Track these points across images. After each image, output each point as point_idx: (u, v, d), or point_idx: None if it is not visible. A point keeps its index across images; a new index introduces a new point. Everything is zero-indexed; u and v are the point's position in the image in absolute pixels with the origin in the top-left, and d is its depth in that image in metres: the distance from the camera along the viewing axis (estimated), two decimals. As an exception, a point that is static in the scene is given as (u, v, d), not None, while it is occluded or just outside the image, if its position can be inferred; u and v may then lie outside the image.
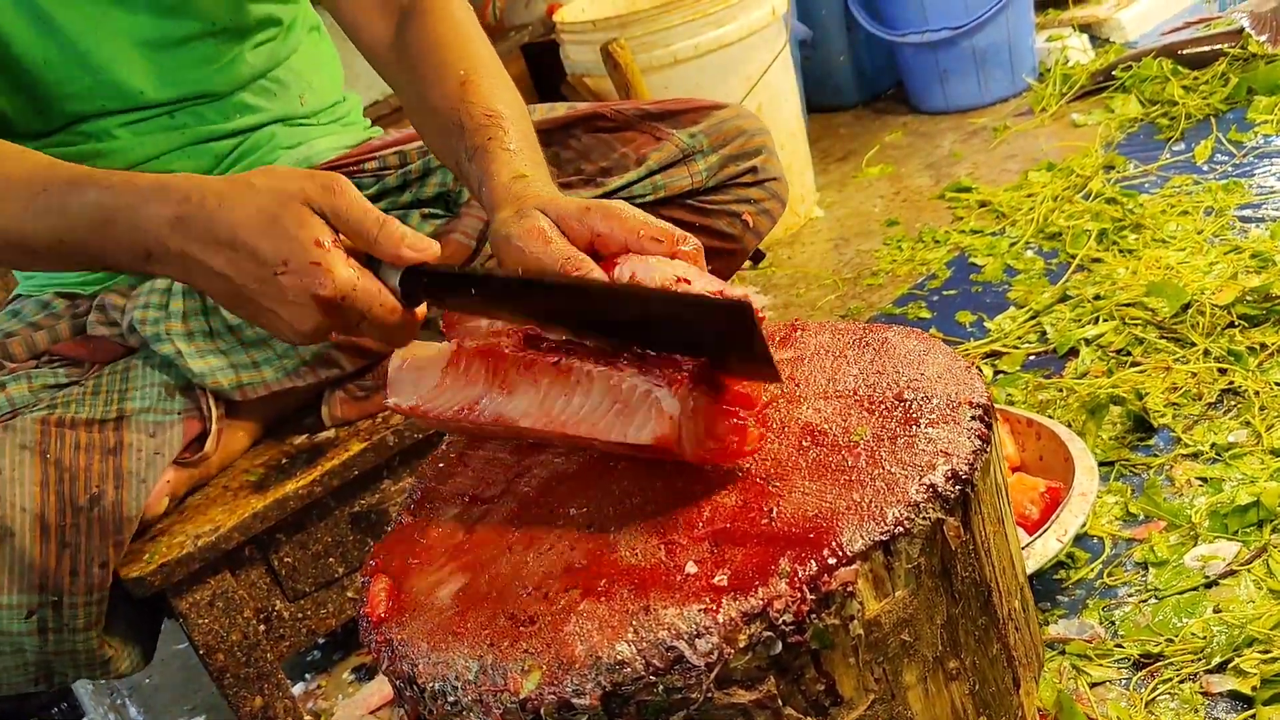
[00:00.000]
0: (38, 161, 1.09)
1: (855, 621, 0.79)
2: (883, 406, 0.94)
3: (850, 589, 0.78)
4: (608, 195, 1.51)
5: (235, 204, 0.91)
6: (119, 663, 1.41)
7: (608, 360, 0.89)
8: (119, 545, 1.35)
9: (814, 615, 0.77)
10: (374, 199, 1.55)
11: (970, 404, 0.91)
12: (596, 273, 0.93)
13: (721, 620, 0.76)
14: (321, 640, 1.91)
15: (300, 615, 1.59)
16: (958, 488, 0.83)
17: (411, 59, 1.31)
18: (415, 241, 0.93)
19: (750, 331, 0.81)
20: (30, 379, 1.41)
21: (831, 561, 0.79)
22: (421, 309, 0.97)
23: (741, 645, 0.76)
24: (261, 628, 1.55)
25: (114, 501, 1.34)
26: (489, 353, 0.95)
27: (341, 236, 0.94)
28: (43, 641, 1.29)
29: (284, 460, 1.53)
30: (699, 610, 0.77)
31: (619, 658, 0.76)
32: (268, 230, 0.90)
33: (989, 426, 0.90)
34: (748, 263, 1.70)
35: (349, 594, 1.63)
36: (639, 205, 1.52)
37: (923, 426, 0.90)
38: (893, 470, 0.85)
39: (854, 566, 0.79)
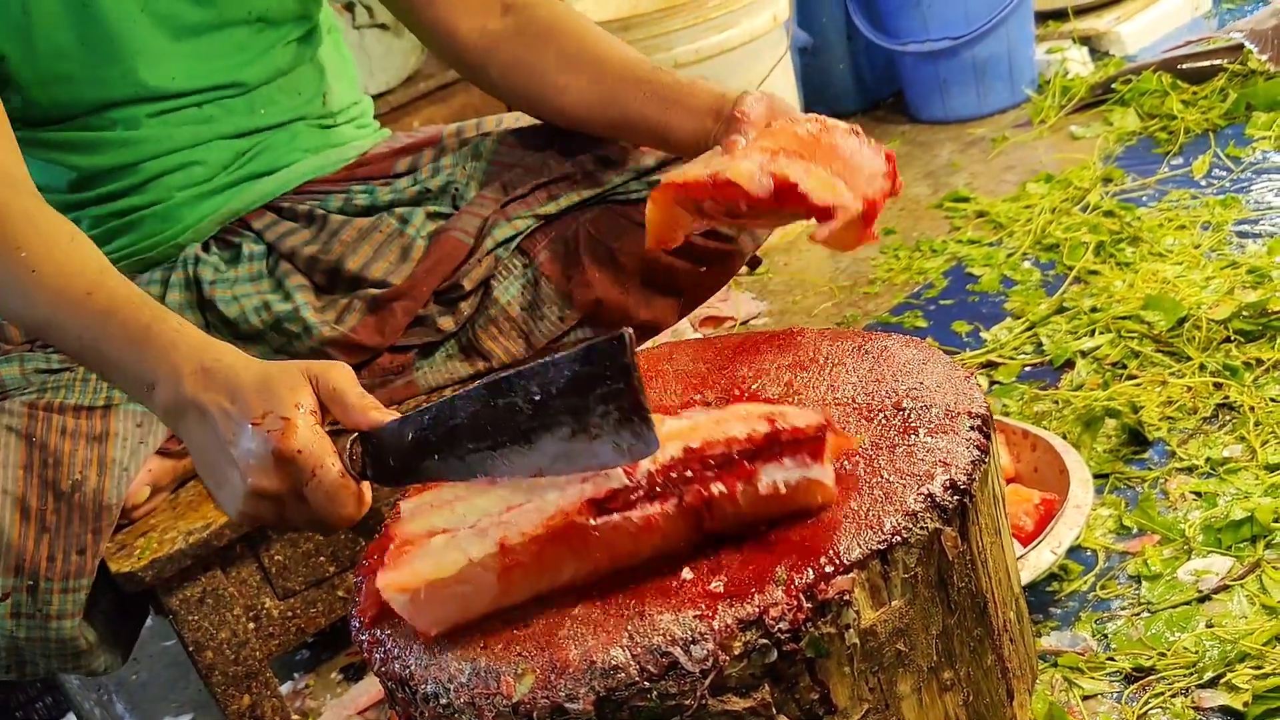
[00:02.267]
0: (86, 259, 1.15)
1: (851, 630, 0.79)
2: (881, 415, 0.94)
3: (847, 598, 0.78)
4: (605, 194, 1.51)
5: (252, 370, 1.00)
6: (94, 659, 1.40)
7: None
8: (98, 533, 1.34)
9: (810, 623, 0.77)
10: (386, 203, 1.55)
11: (969, 414, 0.91)
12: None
13: (717, 627, 0.76)
14: (311, 639, 1.90)
15: (290, 614, 1.58)
16: (956, 498, 0.83)
17: (541, 30, 1.46)
18: (380, 414, 0.97)
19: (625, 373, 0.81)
20: (23, 361, 1.41)
21: (828, 570, 0.78)
22: (366, 490, 0.98)
23: (736, 652, 0.75)
24: (251, 626, 1.54)
25: (95, 489, 1.34)
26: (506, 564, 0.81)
27: (330, 418, 0.99)
28: (15, 625, 1.29)
29: (277, 458, 1.52)
30: (694, 616, 0.77)
31: (613, 663, 0.75)
32: (261, 387, 0.98)
33: (987, 437, 0.89)
34: (744, 269, 1.69)
35: (339, 593, 1.62)
36: (636, 200, 1.52)
37: (921, 436, 0.90)
38: (890, 479, 0.85)
39: (851, 575, 0.78)
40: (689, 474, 0.80)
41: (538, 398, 0.84)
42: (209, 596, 1.49)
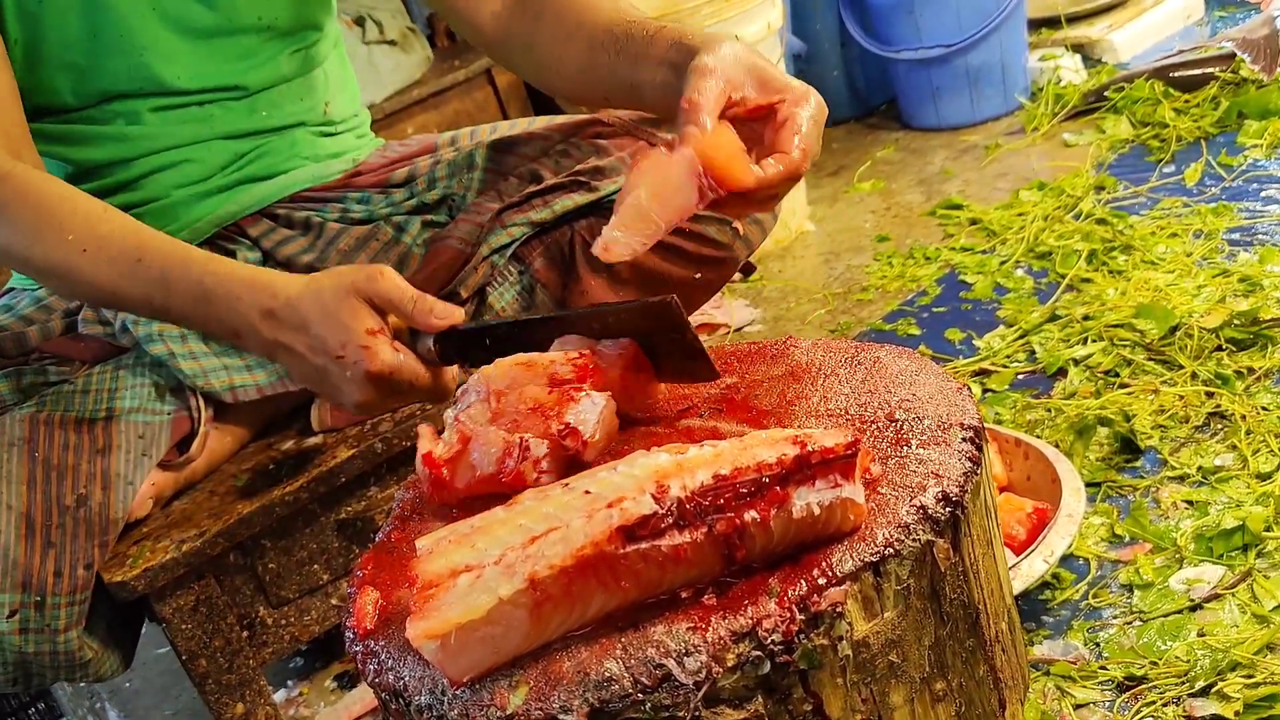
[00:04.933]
0: (123, 226, 1.25)
1: (844, 642, 0.79)
2: (874, 426, 0.94)
3: (839, 609, 0.78)
4: (600, 200, 1.51)
5: (309, 301, 1.13)
6: (98, 666, 1.40)
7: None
8: (104, 546, 1.34)
9: (803, 635, 0.77)
10: (383, 214, 1.56)
11: (961, 425, 0.91)
12: None
13: (710, 639, 0.76)
14: (304, 647, 1.90)
15: (283, 622, 1.58)
16: (948, 510, 0.84)
17: (536, 4, 1.39)
18: (442, 311, 1.12)
19: (681, 325, 0.99)
20: (20, 376, 1.40)
21: (821, 582, 0.79)
22: (453, 369, 1.16)
23: (730, 664, 0.76)
24: (244, 634, 1.54)
25: (100, 503, 1.34)
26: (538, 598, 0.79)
27: (389, 318, 1.13)
28: (23, 641, 1.29)
29: (271, 466, 1.53)
30: (688, 629, 0.77)
31: (607, 675, 0.75)
32: (330, 322, 1.11)
33: (980, 449, 0.90)
34: (738, 275, 1.69)
35: (333, 601, 1.62)
36: None
37: (914, 447, 0.90)
38: (883, 491, 0.86)
39: (843, 587, 0.79)
40: (720, 502, 0.78)
41: (598, 330, 1.03)
42: (202, 605, 1.49)
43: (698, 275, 1.59)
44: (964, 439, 0.90)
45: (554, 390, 1.00)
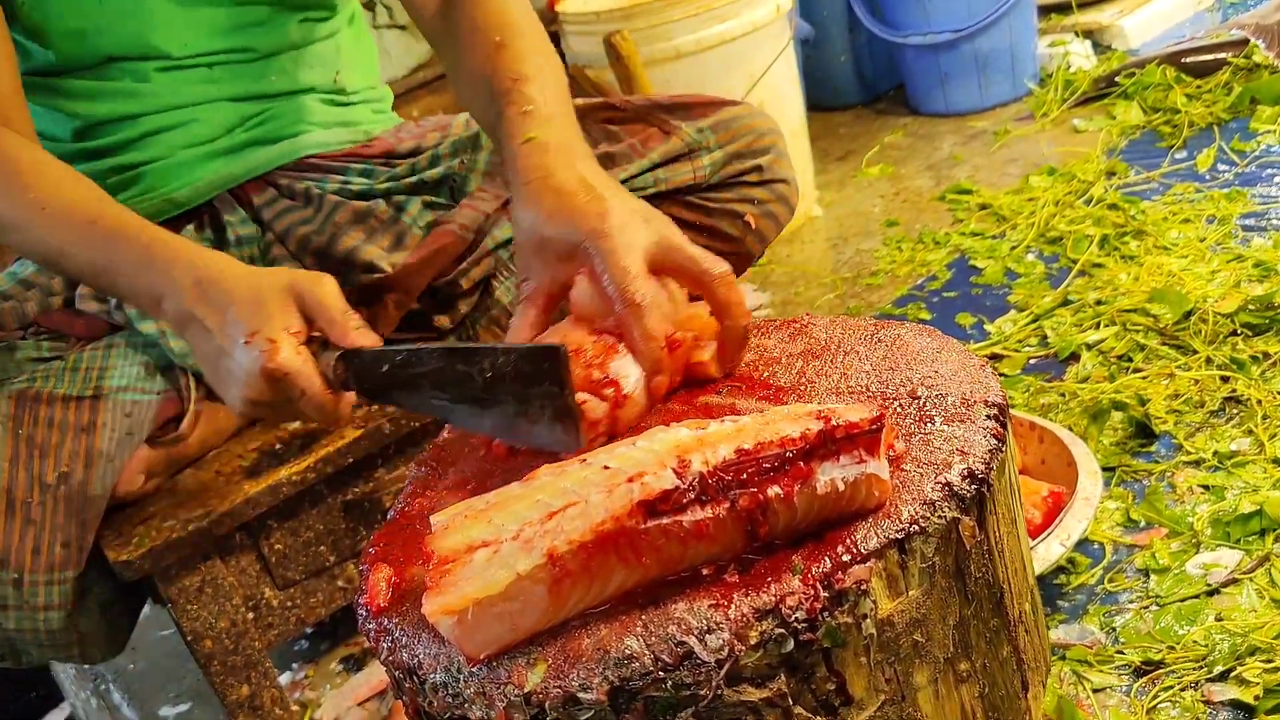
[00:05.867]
0: (88, 194, 1.25)
1: (868, 620, 0.77)
2: (896, 403, 0.92)
3: (864, 587, 0.77)
4: None
5: (243, 284, 1.11)
6: (88, 648, 1.39)
7: None
8: (84, 525, 1.34)
9: (826, 613, 0.75)
10: (382, 190, 1.53)
11: (985, 403, 0.90)
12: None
13: (733, 616, 0.74)
14: (310, 630, 1.88)
15: (289, 604, 1.57)
16: (974, 487, 0.82)
17: (453, 25, 1.33)
18: (363, 332, 1.08)
19: (561, 380, 0.91)
20: (14, 350, 1.39)
21: (845, 559, 0.77)
22: (349, 398, 1.11)
23: (752, 642, 0.74)
24: (250, 615, 1.53)
25: (81, 481, 1.33)
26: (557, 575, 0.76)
27: (315, 329, 1.10)
28: (4, 616, 1.29)
29: (277, 446, 1.51)
30: (710, 606, 0.75)
31: (627, 652, 0.74)
32: (252, 308, 1.09)
33: (1004, 426, 0.88)
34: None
35: (339, 583, 1.61)
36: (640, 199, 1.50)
37: (937, 424, 0.88)
38: (907, 468, 0.84)
39: (868, 564, 0.77)
40: (743, 477, 0.76)
41: (488, 375, 0.95)
42: (208, 586, 1.48)
43: None
44: (988, 416, 0.88)
45: (598, 338, 0.96)
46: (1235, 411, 1.67)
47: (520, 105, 1.14)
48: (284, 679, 1.82)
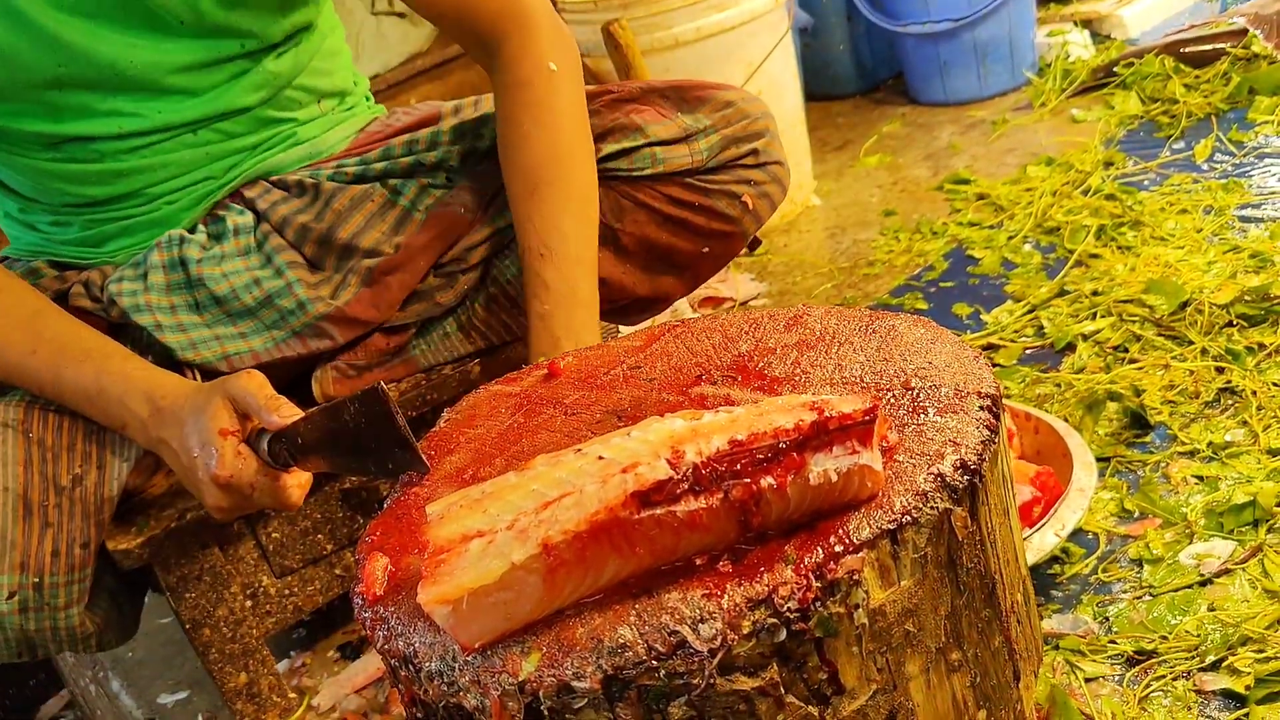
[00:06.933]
0: (18, 310, 1.30)
1: (860, 610, 0.78)
2: (890, 394, 0.93)
3: (856, 577, 0.77)
4: (607, 174, 1.49)
5: (187, 401, 1.21)
6: (101, 637, 1.40)
7: None
8: (100, 525, 1.34)
9: (819, 603, 0.76)
10: (382, 173, 1.53)
11: (978, 394, 0.90)
12: None
13: (726, 606, 0.75)
14: (308, 617, 1.89)
15: (287, 592, 1.57)
16: (966, 478, 0.82)
17: (502, 124, 1.46)
18: (287, 411, 1.15)
19: (389, 414, 1.00)
20: None
21: (838, 549, 0.77)
22: (302, 478, 1.20)
23: (745, 631, 0.75)
24: (248, 603, 1.53)
25: (96, 482, 1.33)
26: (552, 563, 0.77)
27: (249, 422, 1.18)
28: (24, 620, 1.29)
29: (275, 435, 1.51)
30: (703, 595, 0.76)
31: (621, 641, 0.74)
32: (195, 421, 1.18)
33: (997, 417, 0.89)
34: (744, 249, 1.67)
35: (336, 571, 1.61)
36: (638, 179, 1.51)
37: (930, 415, 0.89)
38: (900, 459, 0.84)
39: (860, 554, 0.78)
40: (736, 467, 0.77)
41: (350, 425, 1.04)
42: (206, 574, 1.49)
43: (705, 249, 1.58)
44: (981, 407, 0.88)
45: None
46: (1230, 402, 1.68)
47: (535, 287, 1.37)
48: (281, 666, 1.83)
